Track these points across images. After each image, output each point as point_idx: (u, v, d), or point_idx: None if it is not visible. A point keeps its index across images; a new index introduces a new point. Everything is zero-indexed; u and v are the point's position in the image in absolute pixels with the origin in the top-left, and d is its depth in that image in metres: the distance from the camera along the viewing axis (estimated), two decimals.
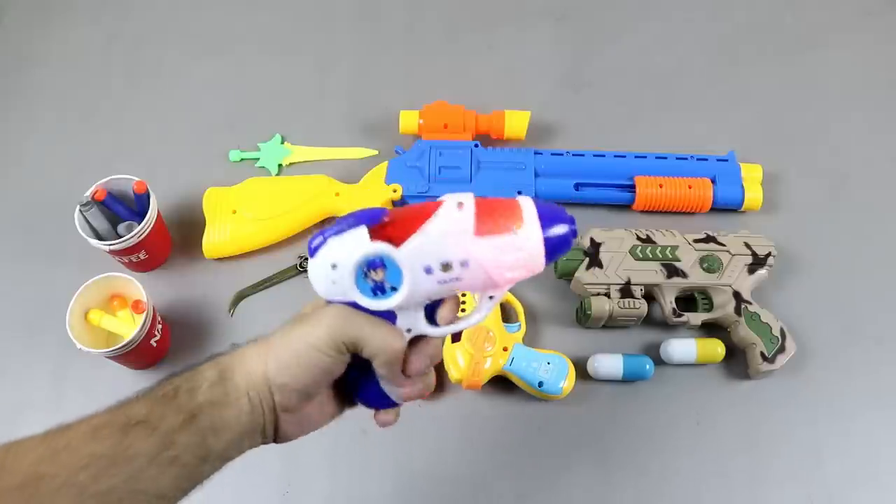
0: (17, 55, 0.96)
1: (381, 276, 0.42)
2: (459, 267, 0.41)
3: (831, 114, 0.90)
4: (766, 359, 0.72)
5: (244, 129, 0.89)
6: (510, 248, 0.41)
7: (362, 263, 0.42)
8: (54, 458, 0.39)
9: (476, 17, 0.98)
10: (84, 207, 0.72)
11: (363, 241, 0.42)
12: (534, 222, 0.41)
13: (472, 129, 0.84)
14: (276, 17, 0.98)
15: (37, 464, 0.39)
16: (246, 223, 0.79)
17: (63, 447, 0.40)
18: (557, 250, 0.42)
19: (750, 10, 0.98)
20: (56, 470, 0.39)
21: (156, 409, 0.42)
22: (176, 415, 0.42)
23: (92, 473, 0.39)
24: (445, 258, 0.41)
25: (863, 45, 0.95)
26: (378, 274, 0.42)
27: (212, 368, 0.44)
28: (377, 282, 0.42)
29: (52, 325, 0.72)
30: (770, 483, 0.70)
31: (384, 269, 0.42)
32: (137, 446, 0.40)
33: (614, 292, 0.74)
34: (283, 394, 0.44)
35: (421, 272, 0.41)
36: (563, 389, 0.71)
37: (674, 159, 0.83)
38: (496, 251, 0.41)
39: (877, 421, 0.73)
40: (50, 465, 0.39)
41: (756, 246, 0.77)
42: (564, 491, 0.70)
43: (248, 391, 0.44)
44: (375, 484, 0.70)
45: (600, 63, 0.94)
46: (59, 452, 0.39)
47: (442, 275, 0.42)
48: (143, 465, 0.40)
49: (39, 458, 0.39)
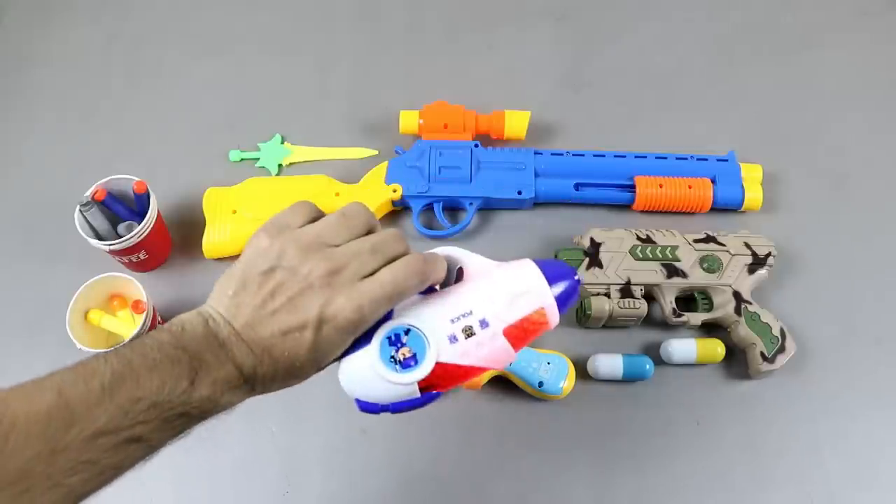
0: (17, 55, 0.96)
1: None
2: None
3: (831, 114, 0.90)
4: (766, 359, 0.72)
5: (244, 129, 0.89)
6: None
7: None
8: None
9: (476, 17, 0.98)
10: (84, 207, 0.72)
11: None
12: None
13: (472, 129, 0.84)
14: (276, 17, 0.98)
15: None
16: (246, 223, 0.79)
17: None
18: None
19: (749, 11, 0.98)
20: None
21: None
22: (170, 349, 0.41)
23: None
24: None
25: (862, 45, 0.95)
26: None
27: (198, 313, 0.44)
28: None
29: (52, 325, 0.72)
30: (770, 483, 0.70)
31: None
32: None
33: (614, 292, 0.74)
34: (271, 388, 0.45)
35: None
36: (563, 389, 0.71)
37: (674, 159, 0.83)
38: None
39: (877, 421, 0.73)
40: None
41: (756, 246, 0.77)
42: (564, 491, 0.70)
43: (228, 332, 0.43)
44: (375, 484, 0.70)
45: (600, 63, 0.94)
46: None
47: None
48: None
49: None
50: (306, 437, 0.72)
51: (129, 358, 0.41)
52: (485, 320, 0.44)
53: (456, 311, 0.45)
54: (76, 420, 0.38)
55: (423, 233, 0.81)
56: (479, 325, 0.44)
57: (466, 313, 0.45)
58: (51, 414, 0.38)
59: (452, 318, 0.44)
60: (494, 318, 0.44)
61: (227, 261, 0.80)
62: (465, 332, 0.44)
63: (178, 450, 0.75)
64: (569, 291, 0.46)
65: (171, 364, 0.41)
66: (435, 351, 0.43)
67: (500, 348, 0.45)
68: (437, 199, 0.81)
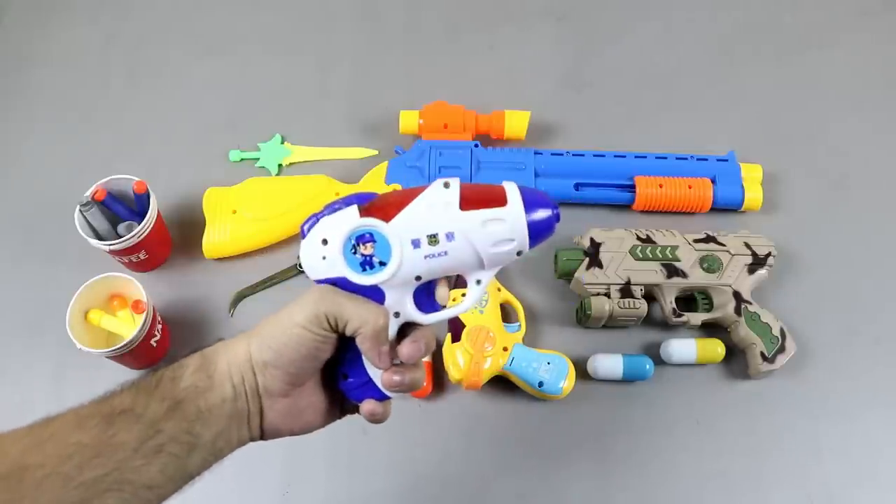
0: (17, 55, 0.96)
1: (371, 250, 0.44)
2: (446, 240, 0.43)
3: (831, 114, 0.90)
4: (766, 359, 0.72)
5: (244, 129, 0.89)
6: (494, 221, 0.43)
7: (352, 236, 0.44)
8: (39, 448, 0.39)
9: (476, 17, 0.98)
10: (84, 207, 0.72)
11: (353, 216, 0.44)
12: (517, 202, 0.43)
13: (472, 129, 0.84)
14: (276, 18, 0.98)
15: (22, 454, 0.39)
16: (246, 223, 0.79)
17: (48, 437, 0.40)
18: (542, 233, 0.44)
19: (749, 11, 0.98)
20: (41, 460, 0.39)
21: (140, 398, 0.42)
22: (160, 403, 0.42)
23: (77, 463, 0.39)
24: (432, 230, 0.43)
25: (862, 46, 0.95)
26: (367, 248, 0.44)
27: (196, 357, 0.45)
28: (366, 256, 0.44)
29: (52, 325, 0.72)
30: (770, 483, 0.70)
31: (373, 244, 0.43)
32: (122, 436, 0.40)
33: (614, 292, 0.74)
34: (267, 374, 0.44)
35: (409, 245, 0.43)
36: (563, 389, 0.71)
37: (674, 159, 0.83)
38: (480, 224, 0.43)
39: (877, 421, 0.73)
40: (35, 455, 0.39)
41: (756, 246, 0.77)
42: (564, 491, 0.70)
43: (231, 374, 0.44)
44: (375, 484, 0.70)
45: (600, 63, 0.94)
46: (44, 443, 0.39)
47: (429, 248, 0.43)
48: (129, 455, 0.40)
49: (24, 449, 0.39)
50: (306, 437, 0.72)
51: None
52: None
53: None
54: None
55: None
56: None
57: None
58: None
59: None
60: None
61: (228, 261, 0.80)
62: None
63: None
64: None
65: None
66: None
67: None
68: None
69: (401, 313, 0.45)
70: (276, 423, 0.47)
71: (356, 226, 0.43)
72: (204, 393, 0.43)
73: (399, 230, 0.43)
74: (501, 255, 0.44)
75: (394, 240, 0.43)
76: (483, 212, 0.43)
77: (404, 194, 0.44)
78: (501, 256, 0.44)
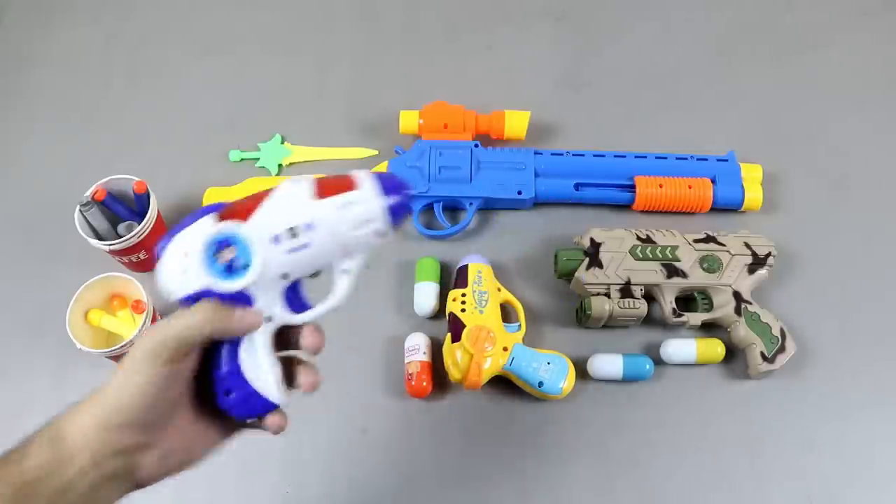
0: (17, 55, 0.96)
1: (232, 254, 0.43)
2: (306, 230, 0.42)
3: (831, 114, 0.90)
4: (766, 359, 0.72)
5: (244, 129, 0.89)
6: (350, 205, 0.43)
7: (211, 243, 0.43)
8: None
9: (476, 17, 0.98)
10: (84, 207, 0.72)
11: (209, 224, 0.43)
12: (369, 184, 0.43)
13: (472, 129, 0.84)
14: (276, 17, 0.98)
15: None
16: None
17: None
18: (399, 210, 0.44)
19: (749, 11, 0.98)
20: None
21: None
22: (4, 488, 0.39)
23: None
24: (290, 223, 0.42)
25: (862, 46, 0.95)
26: (229, 252, 0.43)
27: (45, 430, 0.41)
28: (229, 262, 0.43)
29: (52, 325, 0.72)
30: (770, 483, 0.70)
31: (234, 248, 0.43)
32: None
33: (614, 292, 0.74)
34: (123, 432, 0.41)
35: (269, 243, 0.42)
36: (563, 389, 0.71)
37: (674, 159, 0.83)
38: (337, 209, 0.43)
39: (876, 421, 0.73)
40: None
41: (756, 246, 0.77)
42: (564, 491, 0.70)
43: (88, 441, 0.40)
44: (375, 484, 0.70)
45: (600, 63, 0.94)
46: None
47: (291, 242, 0.43)
48: None
49: None
50: (306, 437, 0.72)
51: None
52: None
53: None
54: None
55: (423, 233, 0.81)
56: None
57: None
58: None
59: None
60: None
61: None
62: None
63: None
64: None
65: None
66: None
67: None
68: (437, 199, 0.81)
69: (273, 316, 0.44)
70: (152, 474, 0.43)
71: (214, 232, 0.42)
72: (57, 469, 0.40)
73: (258, 229, 0.42)
74: (363, 239, 0.43)
75: (253, 239, 0.42)
76: (337, 197, 0.43)
77: (258, 195, 0.44)
78: (364, 239, 0.43)
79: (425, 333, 0.75)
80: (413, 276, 0.78)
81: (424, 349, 0.73)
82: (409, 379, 0.72)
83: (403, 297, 0.78)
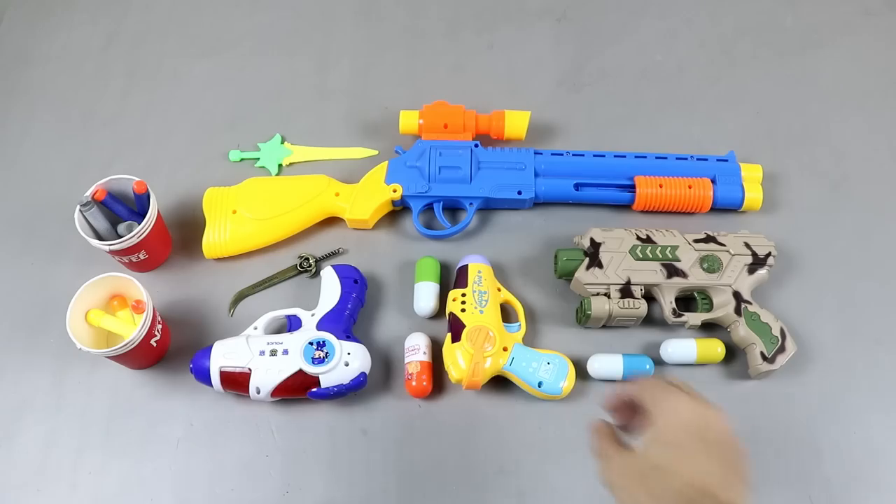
0: (17, 55, 0.96)
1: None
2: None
3: (831, 114, 0.90)
4: (766, 359, 0.72)
5: (244, 129, 0.89)
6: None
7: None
8: None
9: (476, 17, 0.98)
10: (84, 207, 0.72)
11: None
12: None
13: (472, 129, 0.84)
14: (276, 17, 0.98)
15: None
16: (246, 223, 0.79)
17: None
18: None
19: (750, 11, 0.98)
20: None
21: None
22: None
23: None
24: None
25: (862, 46, 0.95)
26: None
27: None
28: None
29: (52, 325, 0.72)
30: (770, 483, 0.70)
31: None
32: None
33: (614, 292, 0.74)
34: None
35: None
36: (563, 389, 0.71)
37: (674, 159, 0.83)
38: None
39: (877, 421, 0.73)
40: None
41: (756, 246, 0.77)
42: (564, 491, 0.70)
43: None
44: (375, 484, 0.70)
45: (600, 63, 0.94)
46: None
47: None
48: None
49: None
50: (306, 437, 0.72)
51: None
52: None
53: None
54: None
55: (424, 233, 0.81)
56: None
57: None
58: None
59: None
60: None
61: (227, 261, 0.80)
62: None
63: (178, 450, 0.76)
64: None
65: None
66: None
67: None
68: (437, 199, 0.81)
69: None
70: None
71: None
72: None
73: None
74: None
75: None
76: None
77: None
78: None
79: (425, 333, 0.75)
80: (413, 276, 0.78)
81: (424, 349, 0.73)
82: (409, 379, 0.72)
83: (403, 297, 0.78)
